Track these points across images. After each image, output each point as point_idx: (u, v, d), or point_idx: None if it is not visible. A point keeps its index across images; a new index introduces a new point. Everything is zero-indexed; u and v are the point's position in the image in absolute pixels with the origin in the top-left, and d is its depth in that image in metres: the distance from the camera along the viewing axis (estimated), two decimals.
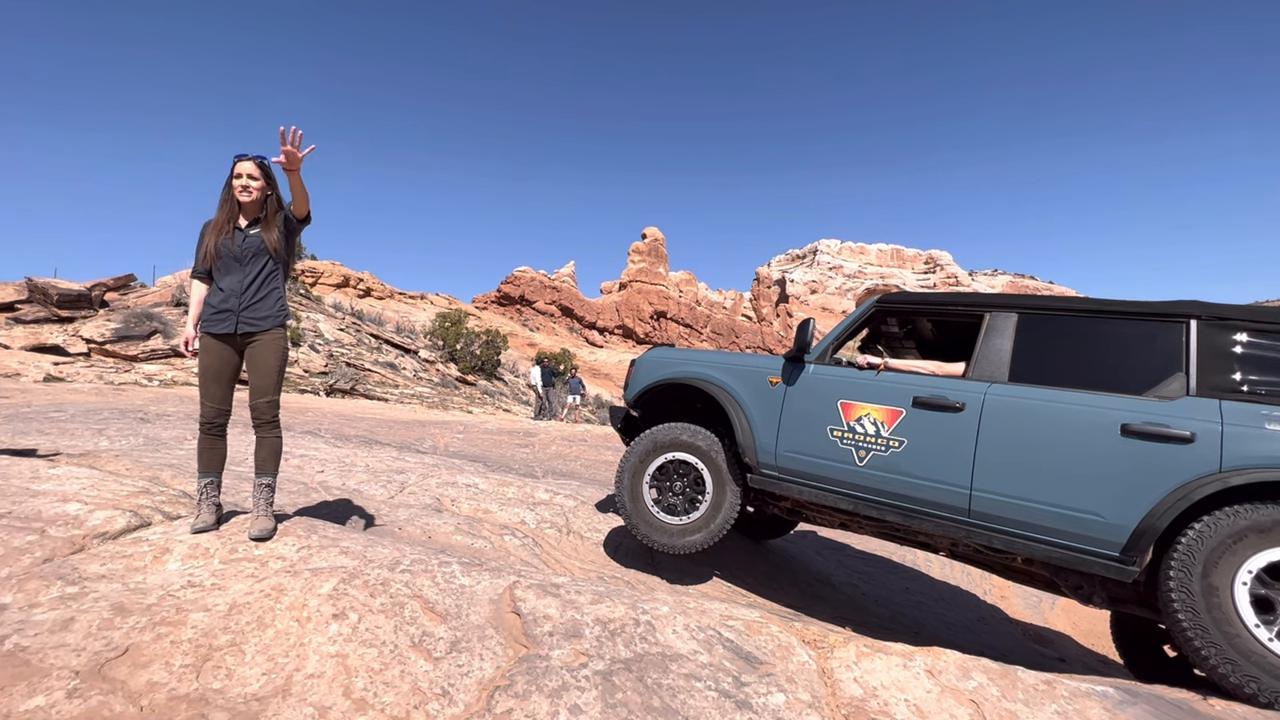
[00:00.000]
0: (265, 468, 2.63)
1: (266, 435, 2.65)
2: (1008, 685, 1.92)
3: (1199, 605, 2.28)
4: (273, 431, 2.65)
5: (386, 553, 2.27)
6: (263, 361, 2.59)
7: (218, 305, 2.53)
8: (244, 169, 2.57)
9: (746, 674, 1.84)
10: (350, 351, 21.75)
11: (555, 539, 4.13)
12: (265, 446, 2.64)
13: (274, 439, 2.65)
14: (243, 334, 2.55)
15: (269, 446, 2.65)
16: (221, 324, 2.53)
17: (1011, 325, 3.08)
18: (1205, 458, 2.43)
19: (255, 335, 2.57)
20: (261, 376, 2.60)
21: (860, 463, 3.13)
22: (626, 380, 4.28)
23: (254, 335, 2.57)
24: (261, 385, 2.60)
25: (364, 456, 5.47)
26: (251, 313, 2.55)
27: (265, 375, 2.61)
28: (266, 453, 2.65)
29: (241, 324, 2.54)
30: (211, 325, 2.53)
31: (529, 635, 1.88)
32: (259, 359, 2.59)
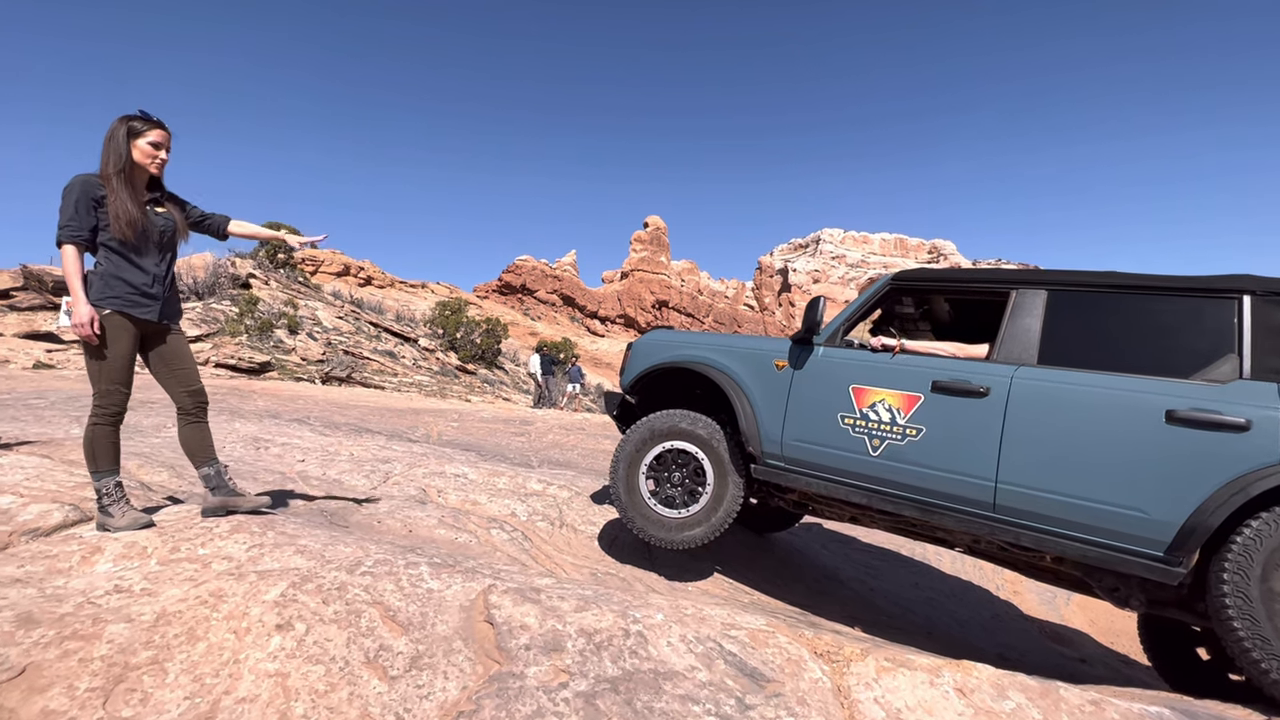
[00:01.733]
0: (210, 453, 2.51)
1: (205, 419, 2.55)
2: (1050, 707, 1.68)
3: (1258, 613, 2.03)
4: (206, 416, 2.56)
5: (348, 552, 2.03)
6: (186, 350, 2.50)
7: (142, 288, 2.31)
8: (165, 137, 2.37)
9: (752, 694, 1.60)
10: (349, 340, 21.54)
11: (547, 532, 3.89)
12: (205, 432, 2.54)
13: (208, 424, 2.57)
14: (163, 325, 2.42)
15: (207, 432, 2.55)
16: (146, 309, 2.33)
17: (1041, 303, 2.81)
18: (1263, 447, 2.18)
19: (170, 329, 2.46)
20: (190, 362, 2.49)
21: (874, 453, 2.88)
22: (623, 365, 4.03)
23: (169, 329, 2.45)
24: (193, 373, 2.49)
25: (349, 445, 5.24)
26: (170, 305, 2.45)
27: (192, 363, 2.50)
28: (207, 438, 2.54)
29: (165, 315, 2.41)
30: (133, 308, 2.29)
31: (502, 649, 1.65)
32: (184, 349, 2.49)
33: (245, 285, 21.57)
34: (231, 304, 18.34)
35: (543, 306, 72.37)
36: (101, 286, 2.25)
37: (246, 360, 15.66)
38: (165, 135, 2.38)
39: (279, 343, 18.43)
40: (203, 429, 2.52)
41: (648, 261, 77.99)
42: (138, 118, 2.33)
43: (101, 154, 2.29)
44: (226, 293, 19.46)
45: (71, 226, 2.20)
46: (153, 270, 2.35)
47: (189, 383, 2.46)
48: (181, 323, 2.53)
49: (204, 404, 2.53)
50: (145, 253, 2.33)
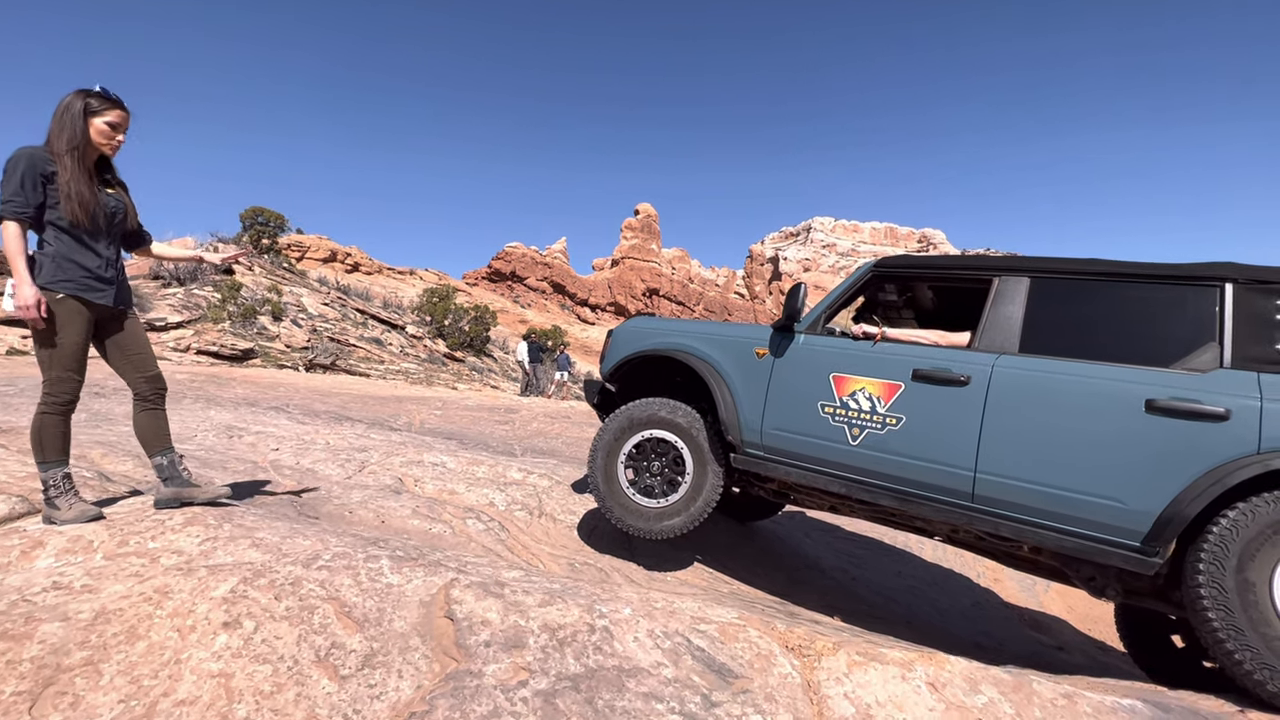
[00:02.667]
0: (165, 441, 2.42)
1: (161, 407, 2.44)
2: (1022, 701, 1.65)
3: (1233, 603, 2.01)
4: (163, 404, 2.46)
5: (306, 545, 1.96)
6: (142, 335, 2.42)
7: (96, 271, 2.22)
8: (124, 118, 2.26)
9: (718, 691, 1.56)
10: (335, 326, 21.29)
11: (525, 522, 3.84)
12: (160, 419, 2.44)
13: (164, 411, 2.47)
14: (118, 311, 2.33)
15: (163, 419, 2.45)
16: (101, 294, 2.24)
17: (1023, 290, 2.77)
18: (1242, 437, 2.15)
19: (124, 314, 2.37)
20: (146, 346, 2.42)
21: (853, 442, 2.84)
22: (603, 352, 3.97)
23: (123, 314, 2.36)
24: (150, 358, 2.41)
25: (326, 433, 5.15)
26: (124, 290, 2.36)
27: (148, 348, 2.43)
28: (163, 425, 2.44)
29: (120, 300, 2.32)
30: (89, 292, 2.20)
31: (461, 645, 1.59)
32: (140, 334, 2.41)
33: (228, 271, 21.23)
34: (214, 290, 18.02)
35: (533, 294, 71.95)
36: (53, 269, 2.13)
37: (229, 347, 15.42)
38: (124, 116, 2.26)
39: (262, 329, 18.18)
40: (158, 416, 2.42)
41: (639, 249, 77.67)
42: (96, 94, 2.21)
43: (51, 127, 2.16)
44: (209, 278, 19.12)
45: (16, 202, 2.07)
46: (105, 254, 2.26)
47: (145, 368, 2.37)
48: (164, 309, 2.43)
49: (162, 390, 2.44)
50: (97, 235, 2.23)
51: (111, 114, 2.21)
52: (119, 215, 2.32)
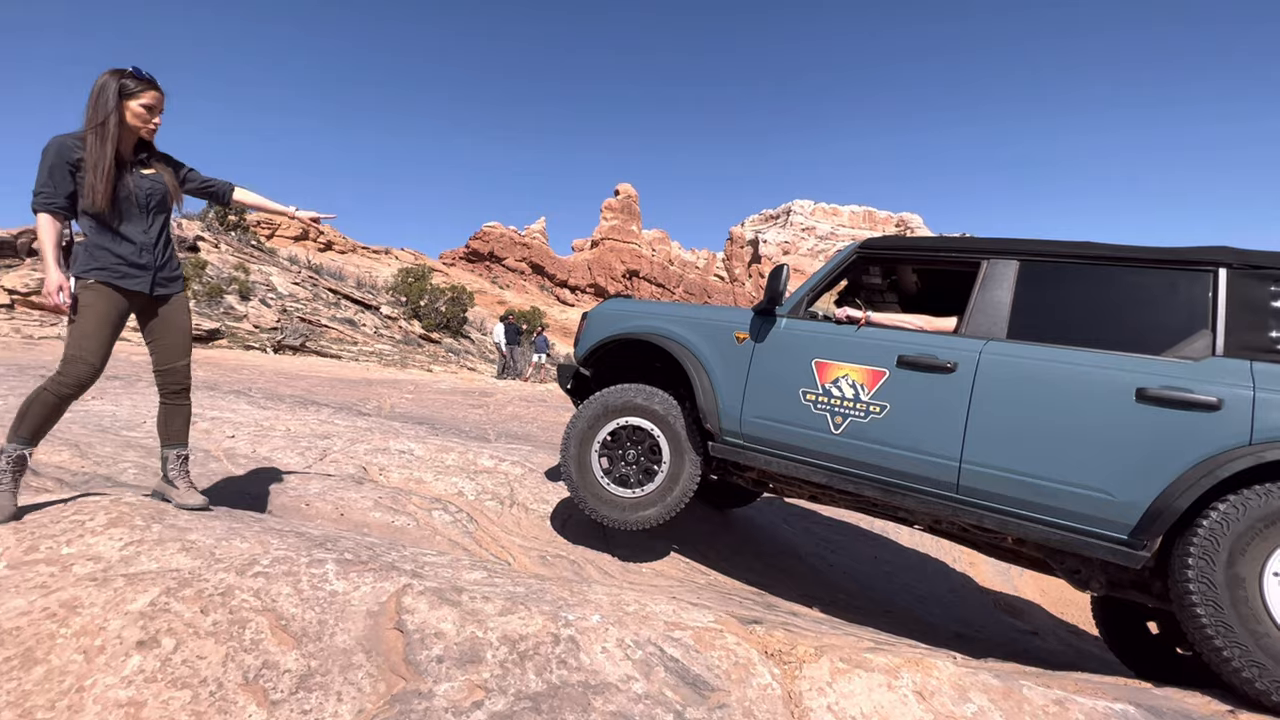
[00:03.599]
0: (181, 437, 2.38)
1: (184, 402, 2.38)
2: (1013, 709, 1.56)
3: (1222, 599, 1.95)
4: (188, 399, 2.40)
5: (244, 548, 1.78)
6: (180, 320, 2.35)
7: (129, 258, 2.17)
8: (158, 100, 2.19)
9: (693, 707, 1.44)
10: (306, 307, 20.72)
11: (496, 512, 3.69)
12: (182, 414, 2.38)
13: (189, 405, 2.41)
14: (157, 296, 2.26)
15: (185, 414, 2.39)
16: (135, 281, 2.18)
17: (1012, 274, 2.67)
18: (1234, 428, 2.08)
19: (168, 297, 2.31)
20: (180, 336, 2.34)
21: (836, 430, 2.73)
22: (577, 335, 3.80)
23: (167, 297, 2.30)
24: (182, 347, 2.35)
25: (288, 419, 4.91)
26: (166, 273, 2.29)
27: (183, 335, 2.36)
28: (182, 421, 2.39)
29: (159, 285, 2.26)
30: (122, 279, 2.15)
31: (410, 662, 1.44)
32: (175, 321, 2.33)
33: (193, 248, 20.45)
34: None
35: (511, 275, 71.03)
36: (86, 259, 2.12)
37: (194, 328, 14.87)
38: (159, 97, 2.19)
39: (229, 309, 17.59)
40: (169, 411, 2.35)
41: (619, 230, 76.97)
42: (130, 74, 2.13)
43: (87, 109, 2.10)
44: None
45: (45, 194, 2.06)
46: (140, 238, 2.19)
47: (166, 359, 2.30)
48: None
49: (176, 386, 2.34)
50: (130, 219, 2.18)
51: (146, 96, 2.14)
52: (155, 196, 2.24)
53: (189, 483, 2.31)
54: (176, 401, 2.35)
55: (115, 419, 4.28)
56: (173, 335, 2.31)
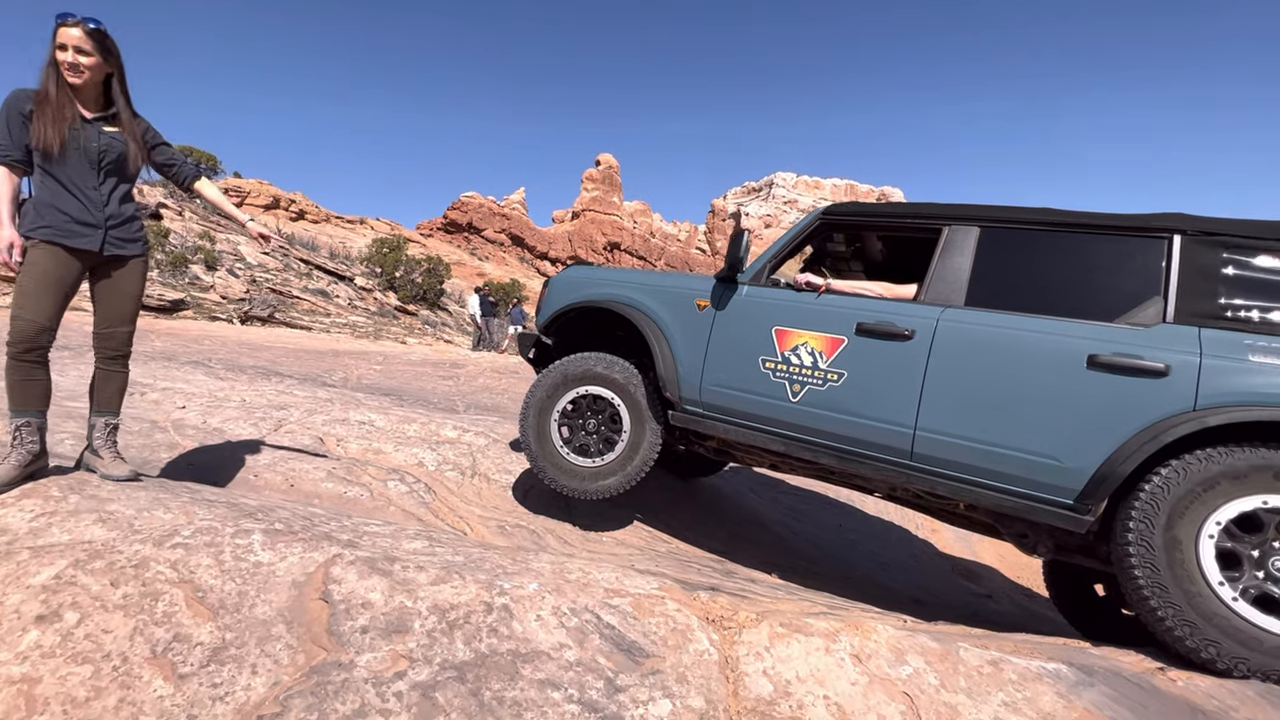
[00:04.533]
0: (112, 405, 2.29)
1: (120, 370, 2.29)
2: (948, 670, 1.57)
3: (1159, 561, 1.98)
4: (125, 366, 2.31)
5: (167, 518, 1.71)
6: (129, 287, 2.25)
7: (77, 215, 2.07)
8: (70, 38, 2.02)
9: (626, 674, 1.42)
10: (276, 277, 20.18)
11: (456, 483, 3.64)
12: (115, 381, 2.28)
13: (125, 374, 2.31)
14: (109, 257, 2.16)
15: (118, 381, 2.29)
16: (84, 238, 2.08)
17: (973, 241, 2.64)
18: (1180, 394, 2.09)
19: (124, 259, 2.21)
20: (125, 302, 2.24)
21: (794, 399, 2.71)
22: (539, 303, 3.72)
23: (122, 259, 2.20)
24: (124, 312, 2.24)
25: (244, 390, 4.77)
26: (121, 233, 2.19)
27: (129, 301, 2.26)
28: (115, 388, 2.29)
29: (110, 244, 2.14)
30: (69, 237, 2.05)
31: (333, 633, 1.39)
32: (124, 284, 2.23)
33: (155, 216, 19.71)
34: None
35: (490, 246, 69.93)
36: (34, 217, 2.03)
37: (156, 298, 14.41)
38: (75, 36, 2.02)
39: (195, 280, 17.05)
40: (104, 376, 2.26)
41: (600, 201, 75.96)
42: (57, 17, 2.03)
43: None
44: None
45: (1, 146, 2.00)
46: (90, 194, 2.10)
47: (106, 321, 2.20)
48: None
49: (114, 352, 2.24)
50: (80, 175, 2.09)
51: (60, 34, 2.01)
52: (111, 155, 2.13)
53: (115, 453, 2.21)
54: (112, 367, 2.26)
55: (58, 388, 4.09)
56: (119, 300, 2.21)
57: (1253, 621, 1.86)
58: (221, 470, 3.03)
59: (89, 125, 2.09)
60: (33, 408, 2.03)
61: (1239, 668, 1.84)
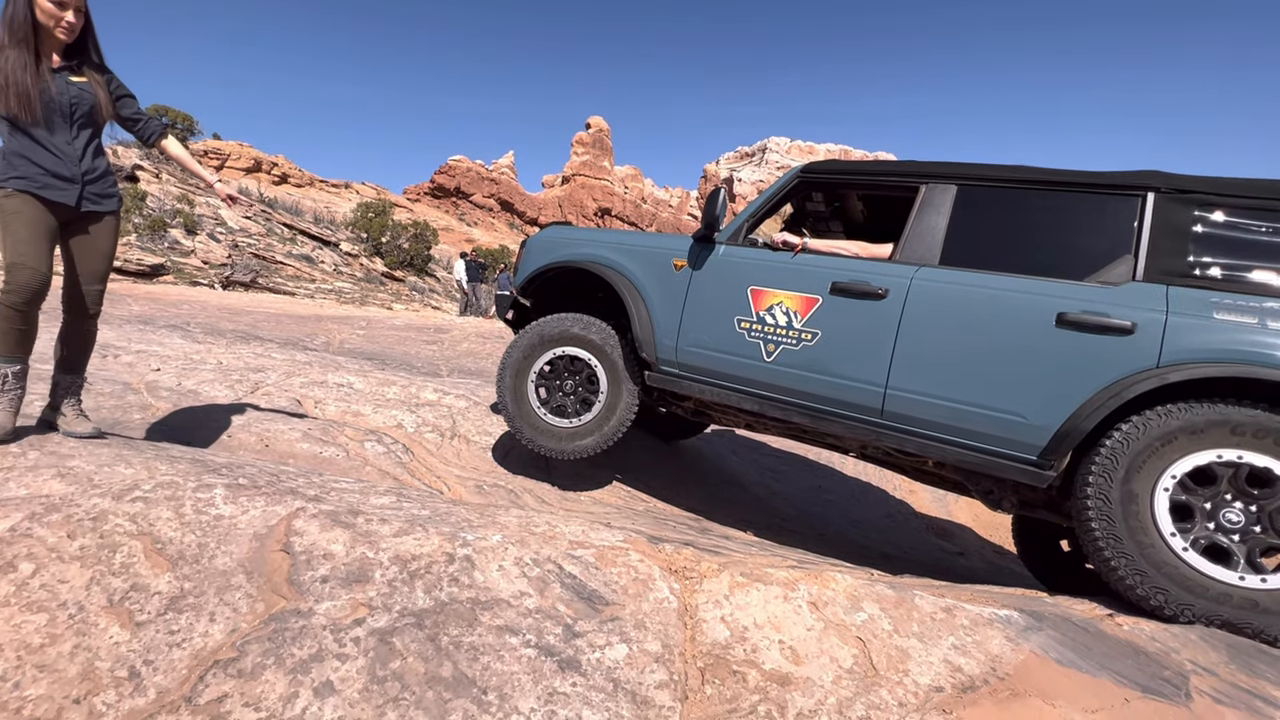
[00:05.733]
0: (79, 364, 2.26)
1: (90, 327, 2.25)
2: (902, 616, 1.61)
3: (1115, 514, 2.03)
4: (94, 324, 2.27)
5: (128, 473, 1.70)
6: (103, 243, 2.20)
7: (51, 168, 2.01)
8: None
9: (584, 620, 1.44)
10: (259, 242, 19.80)
11: (435, 444, 3.65)
12: (83, 340, 2.25)
13: (93, 332, 2.28)
14: (85, 212, 2.10)
15: (87, 340, 2.26)
16: (60, 192, 2.02)
17: (949, 199, 2.61)
18: (1144, 351, 2.11)
19: (99, 215, 2.15)
20: (98, 260, 2.19)
21: (768, 359, 2.72)
22: (516, 264, 3.67)
23: (97, 215, 2.15)
24: (97, 270, 2.19)
25: (221, 353, 4.73)
26: (97, 188, 2.13)
27: (102, 259, 2.21)
28: (81, 344, 2.25)
29: (87, 199, 2.09)
30: (43, 190, 1.99)
31: (294, 582, 1.40)
32: (98, 241, 2.18)
33: (131, 178, 19.17)
34: None
35: (479, 211, 68.79)
36: (5, 167, 1.97)
37: (135, 262, 14.14)
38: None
39: (175, 244, 16.70)
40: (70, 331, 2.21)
41: (590, 166, 74.62)
42: None
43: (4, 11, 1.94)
44: None
45: None
46: (64, 149, 2.03)
47: (87, 279, 2.15)
48: None
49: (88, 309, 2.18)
50: (54, 129, 2.02)
51: None
52: (82, 106, 2.06)
53: (78, 410, 2.19)
54: (81, 325, 2.21)
55: None
56: (92, 257, 2.15)
57: (1200, 570, 1.92)
58: (195, 431, 3.02)
59: (56, 75, 2.00)
60: (23, 354, 2.02)
61: (1185, 613, 1.90)
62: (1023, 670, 1.49)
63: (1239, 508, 1.95)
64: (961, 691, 1.40)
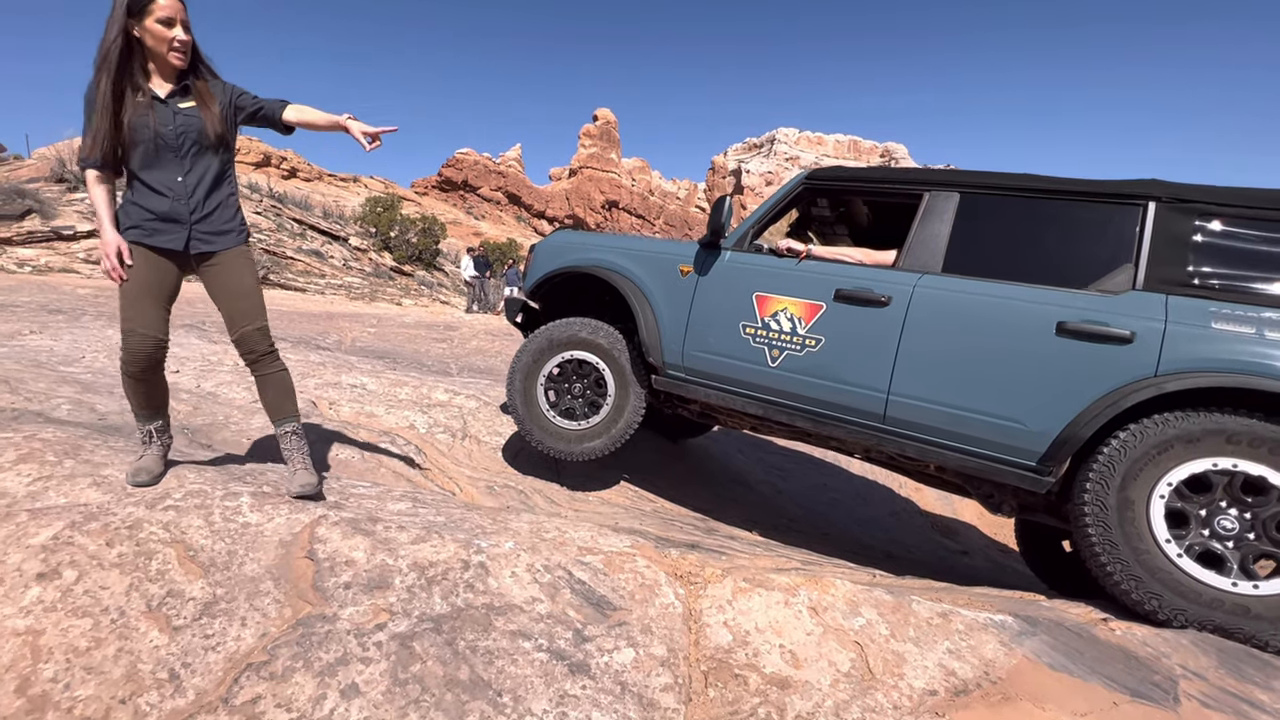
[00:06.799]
0: (284, 410, 2.08)
1: (270, 370, 2.05)
2: (899, 621, 1.67)
3: (1111, 520, 2.08)
4: (275, 364, 2.07)
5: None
6: (237, 281, 1.98)
7: (159, 211, 1.86)
8: (174, 10, 1.78)
9: (593, 625, 1.52)
10: (269, 238, 19.95)
11: (447, 445, 3.73)
12: (273, 385, 2.06)
13: (280, 373, 2.08)
14: (197, 254, 1.94)
15: (277, 384, 2.06)
16: (166, 237, 1.88)
17: (952, 207, 2.65)
18: (1143, 360, 2.15)
19: (214, 256, 1.95)
20: (240, 298, 1.98)
21: (773, 364, 2.77)
22: (525, 268, 3.74)
23: (212, 256, 1.95)
24: (244, 309, 1.98)
25: (236, 354, 4.82)
26: (209, 225, 1.93)
27: (245, 296, 1.99)
28: (278, 392, 2.07)
29: (196, 241, 1.91)
30: (150, 237, 1.86)
31: (318, 588, 1.48)
32: (231, 278, 1.97)
33: None
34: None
35: (487, 204, 68.85)
36: (124, 218, 1.88)
37: None
38: (176, 5, 1.79)
39: None
40: (260, 383, 2.07)
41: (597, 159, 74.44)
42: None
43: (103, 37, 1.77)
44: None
45: (84, 147, 1.82)
46: (173, 187, 1.88)
47: (234, 323, 1.99)
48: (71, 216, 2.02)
49: (254, 351, 2.02)
50: (163, 166, 1.86)
51: (160, 7, 1.75)
52: (189, 135, 1.88)
53: (301, 463, 2.01)
54: (260, 370, 2.05)
55: (53, 354, 4.17)
56: (231, 297, 1.97)
57: (1194, 576, 1.97)
58: (216, 434, 3.11)
59: (162, 106, 1.85)
60: (161, 409, 1.95)
61: (1178, 618, 1.95)
62: (1015, 674, 1.55)
63: (1233, 515, 1.99)
64: (955, 695, 1.46)
